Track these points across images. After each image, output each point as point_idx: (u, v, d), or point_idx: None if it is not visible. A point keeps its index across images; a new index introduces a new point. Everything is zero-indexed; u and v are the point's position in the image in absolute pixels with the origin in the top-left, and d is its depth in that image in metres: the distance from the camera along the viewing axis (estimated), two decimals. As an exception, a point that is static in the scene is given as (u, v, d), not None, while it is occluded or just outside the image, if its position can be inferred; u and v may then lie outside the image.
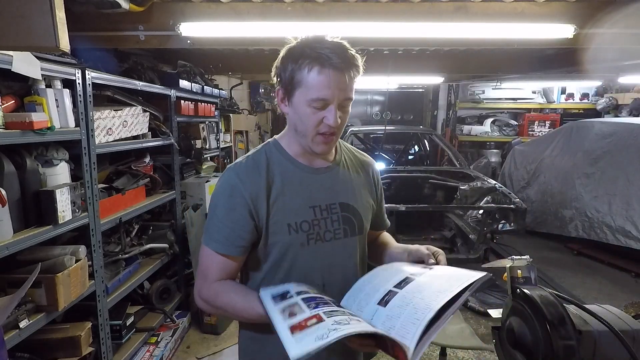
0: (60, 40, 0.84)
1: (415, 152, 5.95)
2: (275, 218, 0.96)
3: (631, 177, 3.85)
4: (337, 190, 1.04)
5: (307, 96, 0.91)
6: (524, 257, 1.04)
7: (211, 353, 2.73)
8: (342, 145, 1.14)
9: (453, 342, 1.84)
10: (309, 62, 0.89)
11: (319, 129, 0.94)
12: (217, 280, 0.97)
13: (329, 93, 0.89)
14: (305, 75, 0.90)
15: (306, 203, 0.99)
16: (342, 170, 1.08)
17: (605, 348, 0.87)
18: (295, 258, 0.98)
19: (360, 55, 0.94)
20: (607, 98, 6.17)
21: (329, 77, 0.88)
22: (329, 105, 0.91)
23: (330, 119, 0.91)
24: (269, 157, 1.02)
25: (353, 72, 0.91)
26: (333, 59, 0.88)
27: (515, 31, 2.27)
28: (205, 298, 0.97)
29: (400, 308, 0.78)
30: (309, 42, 0.91)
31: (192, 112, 3.13)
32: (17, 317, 1.50)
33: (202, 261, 1.00)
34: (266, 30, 2.19)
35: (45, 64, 1.61)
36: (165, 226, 2.86)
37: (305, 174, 1.02)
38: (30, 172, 1.61)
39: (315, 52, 0.89)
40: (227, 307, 0.95)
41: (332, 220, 1.01)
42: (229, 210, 0.96)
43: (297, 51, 0.92)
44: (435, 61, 3.98)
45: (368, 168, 1.15)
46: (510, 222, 3.44)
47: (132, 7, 2.02)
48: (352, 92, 0.94)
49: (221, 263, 0.97)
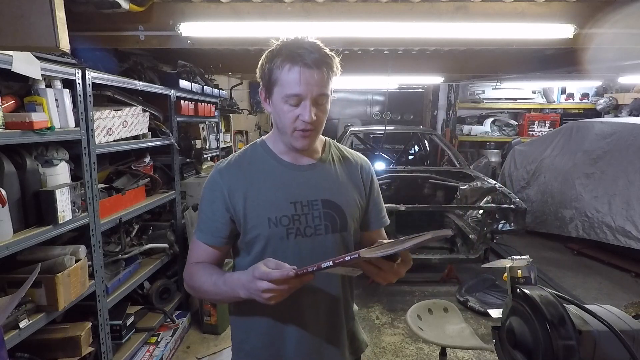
0: (60, 40, 0.84)
1: (415, 152, 5.95)
2: (255, 212, 1.02)
3: (631, 177, 3.85)
4: (320, 187, 1.06)
5: (282, 93, 0.96)
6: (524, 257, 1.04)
7: (211, 353, 2.73)
8: (333, 144, 1.17)
9: (453, 342, 1.84)
10: (282, 60, 0.95)
11: (296, 125, 0.98)
12: (195, 263, 1.06)
13: (302, 89, 0.94)
14: (280, 73, 0.95)
15: (287, 198, 1.03)
16: (328, 167, 1.10)
17: (605, 348, 0.87)
18: (275, 251, 1.01)
19: (336, 55, 0.99)
20: (607, 98, 6.17)
21: (300, 73, 0.93)
22: (303, 102, 0.95)
23: (305, 115, 0.95)
24: (253, 154, 1.09)
25: (326, 70, 0.96)
26: (305, 57, 0.92)
27: (515, 31, 2.27)
28: (185, 279, 1.06)
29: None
30: (286, 43, 0.97)
31: (192, 112, 3.13)
32: (17, 317, 1.50)
33: (189, 248, 1.11)
34: (266, 30, 2.19)
35: (45, 64, 1.62)
36: (165, 226, 2.86)
37: (288, 171, 1.06)
38: (30, 172, 1.61)
39: (289, 51, 0.94)
40: (201, 286, 1.02)
41: (313, 216, 1.04)
42: (210, 203, 1.04)
43: (274, 52, 0.97)
44: (435, 61, 3.98)
45: (357, 167, 1.16)
46: (510, 222, 3.44)
47: (132, 7, 2.02)
48: (326, 89, 0.97)
49: (202, 250, 1.06)
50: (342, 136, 5.54)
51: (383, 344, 2.88)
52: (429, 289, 3.76)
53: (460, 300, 3.39)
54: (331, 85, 0.99)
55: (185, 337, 2.91)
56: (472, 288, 3.53)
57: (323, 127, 1.04)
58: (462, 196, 3.97)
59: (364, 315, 3.27)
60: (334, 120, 8.05)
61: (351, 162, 1.16)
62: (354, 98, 8.15)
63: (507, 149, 6.19)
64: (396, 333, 3.02)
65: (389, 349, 2.83)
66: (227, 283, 0.95)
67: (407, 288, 3.74)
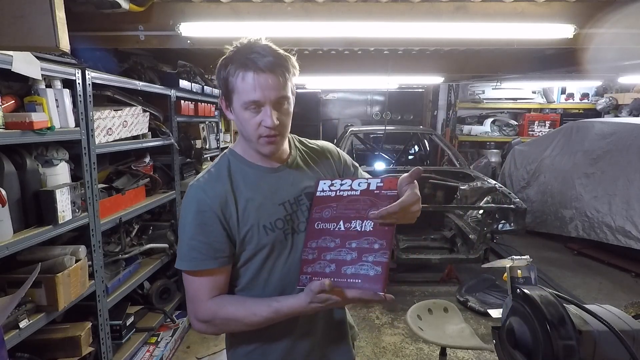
0: (60, 40, 0.84)
1: (415, 152, 5.96)
2: (250, 223, 0.98)
3: (631, 177, 3.85)
4: (300, 182, 1.07)
5: (240, 101, 0.93)
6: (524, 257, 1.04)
7: (211, 353, 2.73)
8: (296, 139, 1.17)
9: (453, 342, 1.84)
10: (235, 68, 0.92)
11: (260, 132, 0.95)
12: (211, 299, 0.97)
13: (258, 95, 0.91)
14: (235, 81, 0.93)
15: (275, 202, 1.01)
16: (299, 162, 1.10)
17: (605, 348, 0.87)
18: (278, 255, 1.01)
19: (292, 55, 0.97)
20: (607, 98, 6.17)
21: (255, 79, 0.91)
22: (263, 107, 0.93)
23: (267, 121, 0.93)
24: (228, 166, 1.03)
25: (281, 72, 0.93)
26: (257, 61, 0.90)
27: (515, 31, 2.27)
28: (204, 319, 0.97)
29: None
30: (238, 49, 0.95)
31: (192, 112, 3.13)
32: (17, 317, 1.50)
33: (188, 286, 0.98)
34: (266, 30, 2.19)
35: (45, 64, 1.61)
36: (165, 226, 2.86)
37: (266, 175, 1.04)
38: (30, 172, 1.61)
39: (242, 57, 0.92)
40: (229, 319, 0.95)
41: (302, 210, 1.04)
42: (200, 226, 0.95)
43: (227, 59, 0.95)
44: (435, 61, 3.98)
45: (324, 152, 1.18)
46: (510, 222, 3.44)
47: (132, 7, 2.02)
48: (285, 91, 0.95)
49: (208, 281, 0.97)
50: (342, 136, 5.55)
51: (383, 344, 2.88)
52: (429, 289, 3.76)
53: (460, 300, 3.39)
54: (291, 86, 0.97)
55: (185, 337, 2.91)
56: (472, 288, 3.53)
57: (288, 129, 1.02)
58: (462, 196, 3.97)
59: (364, 315, 3.27)
60: (334, 120, 8.05)
61: (318, 151, 1.17)
62: (354, 98, 8.14)
63: (507, 149, 6.19)
64: (396, 333, 3.02)
65: (389, 349, 2.83)
66: (280, 312, 0.92)
67: (407, 288, 3.74)
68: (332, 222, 0.97)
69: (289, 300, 0.92)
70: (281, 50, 0.95)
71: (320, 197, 1.03)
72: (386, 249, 0.87)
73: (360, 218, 0.93)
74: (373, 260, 0.87)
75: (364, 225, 0.92)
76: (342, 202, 0.98)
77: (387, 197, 0.94)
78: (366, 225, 0.92)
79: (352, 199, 0.98)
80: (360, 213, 0.94)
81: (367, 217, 0.92)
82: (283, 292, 0.99)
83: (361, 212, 0.94)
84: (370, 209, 0.92)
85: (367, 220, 0.92)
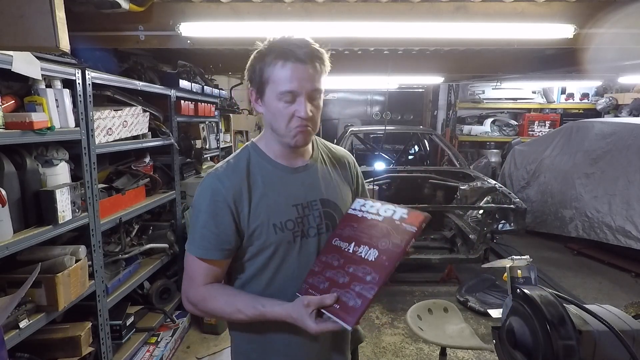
0: (60, 40, 0.84)
1: (415, 152, 5.95)
2: (260, 219, 0.98)
3: (631, 177, 3.85)
4: (317, 187, 1.07)
5: (275, 91, 0.94)
6: (524, 257, 1.04)
7: (211, 353, 2.73)
8: (318, 141, 1.17)
9: (453, 342, 1.84)
10: (273, 58, 0.93)
11: (292, 123, 0.96)
12: (204, 285, 0.99)
13: (295, 85, 0.93)
14: (272, 71, 0.94)
15: (289, 202, 1.02)
16: (321, 166, 1.10)
17: (605, 348, 0.87)
18: (284, 256, 1.01)
19: (325, 51, 0.98)
20: (607, 98, 6.17)
21: (293, 69, 0.92)
22: (298, 98, 0.94)
23: (301, 111, 0.94)
24: (249, 160, 1.04)
25: (318, 64, 0.95)
26: (296, 52, 0.92)
27: (515, 31, 2.27)
28: (193, 301, 1.00)
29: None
30: (274, 41, 0.96)
31: (192, 112, 3.12)
32: (17, 317, 1.50)
33: (187, 266, 1.02)
34: (266, 30, 2.18)
35: (45, 64, 1.61)
36: (165, 226, 2.86)
37: (285, 174, 1.04)
38: (30, 172, 1.61)
39: (280, 48, 0.93)
40: (216, 309, 0.99)
41: (314, 216, 1.04)
42: (213, 216, 0.97)
43: (264, 51, 0.96)
44: (435, 61, 3.97)
45: (345, 162, 1.18)
46: (510, 222, 3.44)
47: (132, 7, 2.02)
48: (319, 84, 0.97)
49: (207, 269, 0.99)
50: (342, 136, 5.54)
51: (383, 344, 2.88)
52: (429, 289, 3.76)
53: (460, 300, 3.39)
54: (323, 81, 0.98)
55: (185, 337, 2.91)
56: (472, 288, 3.53)
57: (318, 125, 1.02)
58: (462, 196, 3.97)
59: (364, 316, 3.26)
60: (334, 120, 8.04)
61: (340, 158, 1.18)
62: (354, 98, 8.14)
63: (507, 149, 6.19)
64: (396, 333, 3.02)
65: (389, 349, 2.83)
66: (265, 316, 0.93)
67: (407, 288, 3.74)
68: (347, 241, 0.96)
69: (275, 308, 0.93)
70: (317, 45, 0.96)
71: (349, 215, 1.02)
72: (376, 285, 0.84)
73: (369, 245, 0.92)
74: (358, 291, 0.86)
75: (369, 254, 0.90)
76: (363, 225, 0.97)
77: (403, 232, 0.89)
78: (370, 253, 0.90)
79: (372, 224, 0.96)
80: (372, 240, 0.92)
81: (375, 246, 0.90)
82: (286, 295, 0.99)
83: (373, 239, 0.92)
84: (383, 238, 0.91)
85: (374, 248, 0.90)
